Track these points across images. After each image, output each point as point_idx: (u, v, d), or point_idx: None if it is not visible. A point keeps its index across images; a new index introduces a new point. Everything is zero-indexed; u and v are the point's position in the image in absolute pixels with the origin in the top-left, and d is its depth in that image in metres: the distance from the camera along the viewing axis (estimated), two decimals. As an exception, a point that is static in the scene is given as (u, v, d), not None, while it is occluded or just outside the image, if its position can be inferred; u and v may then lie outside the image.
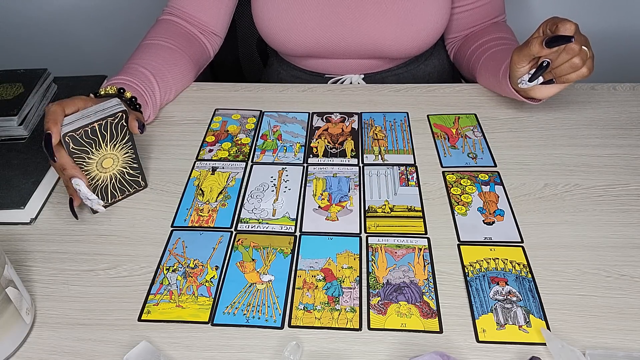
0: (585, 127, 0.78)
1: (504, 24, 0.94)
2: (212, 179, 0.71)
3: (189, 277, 0.58)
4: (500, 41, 0.87)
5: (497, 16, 0.93)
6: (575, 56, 0.66)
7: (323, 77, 0.97)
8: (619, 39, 1.42)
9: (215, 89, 0.90)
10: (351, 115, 0.82)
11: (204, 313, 0.54)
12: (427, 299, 0.55)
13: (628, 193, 0.67)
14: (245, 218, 0.65)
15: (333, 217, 0.65)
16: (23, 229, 0.65)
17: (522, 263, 0.58)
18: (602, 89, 0.86)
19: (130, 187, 0.68)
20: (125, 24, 1.53)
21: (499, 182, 0.69)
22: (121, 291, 0.57)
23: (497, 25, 0.92)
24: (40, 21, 1.54)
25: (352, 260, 0.59)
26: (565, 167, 0.71)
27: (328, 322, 0.53)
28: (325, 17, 0.87)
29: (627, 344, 0.51)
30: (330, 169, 0.72)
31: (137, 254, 0.61)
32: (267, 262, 0.59)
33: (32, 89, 0.81)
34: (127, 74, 0.76)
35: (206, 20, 0.90)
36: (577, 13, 1.39)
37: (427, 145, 0.76)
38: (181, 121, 0.82)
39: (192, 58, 0.88)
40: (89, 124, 0.60)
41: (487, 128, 0.78)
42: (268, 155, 0.75)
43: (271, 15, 0.88)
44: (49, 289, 0.58)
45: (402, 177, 0.70)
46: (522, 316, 0.53)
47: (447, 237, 0.62)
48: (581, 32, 0.67)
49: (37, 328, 0.54)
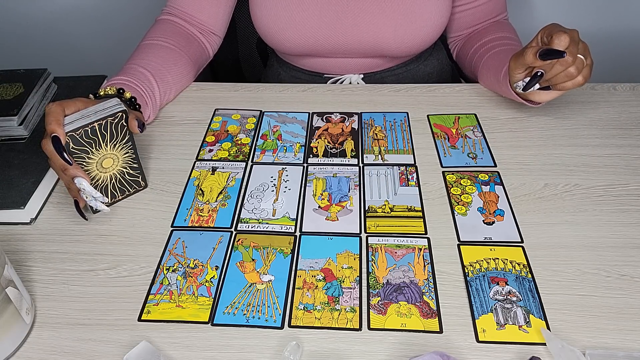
0: (585, 127, 0.78)
1: (506, 23, 0.94)
2: (212, 179, 0.71)
3: (189, 277, 0.58)
4: (503, 41, 0.87)
5: (498, 14, 0.93)
6: (570, 66, 0.66)
7: (322, 77, 0.97)
8: (619, 39, 1.42)
9: (215, 89, 0.90)
10: (351, 115, 0.82)
11: (204, 313, 0.54)
12: (427, 299, 0.55)
13: (628, 193, 0.67)
14: (245, 218, 0.65)
15: (333, 217, 0.65)
16: (23, 229, 0.65)
17: (522, 263, 0.58)
18: (602, 89, 0.86)
19: (130, 187, 0.68)
20: (125, 24, 1.53)
21: (499, 182, 0.69)
22: (121, 291, 0.57)
23: (499, 24, 0.92)
24: (41, 21, 1.54)
25: (352, 260, 0.59)
26: (565, 167, 0.71)
27: (328, 322, 0.53)
28: (324, 15, 0.87)
29: (627, 344, 0.51)
30: (330, 169, 0.72)
31: (137, 254, 0.61)
32: (267, 262, 0.59)
33: (32, 89, 0.81)
34: (127, 74, 0.76)
35: (205, 20, 0.90)
36: (577, 13, 1.39)
37: (427, 145, 0.76)
38: (181, 121, 0.82)
39: (191, 58, 0.88)
40: (89, 124, 0.60)
41: (487, 128, 0.78)
42: (268, 155, 0.75)
43: (269, 14, 0.88)
44: (49, 289, 0.58)
45: (402, 177, 0.70)
46: (522, 316, 0.53)
47: (447, 237, 0.62)
48: (581, 39, 0.67)
49: (37, 328, 0.54)
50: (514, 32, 0.92)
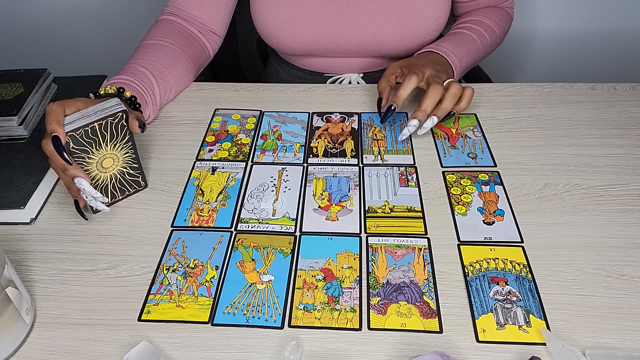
0: (585, 127, 0.78)
1: (499, 10, 0.95)
2: (212, 179, 0.71)
3: (189, 277, 0.58)
4: (466, 24, 0.91)
5: (503, 1, 0.95)
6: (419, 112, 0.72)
7: (322, 77, 0.97)
8: (619, 39, 1.42)
9: (215, 89, 0.90)
10: (351, 115, 0.82)
11: (204, 313, 0.54)
12: (427, 299, 0.55)
13: (628, 193, 0.67)
14: (245, 218, 0.65)
15: (333, 217, 0.65)
16: (23, 229, 0.65)
17: (522, 263, 0.58)
18: (602, 89, 0.86)
19: (130, 187, 0.68)
20: (125, 24, 1.53)
21: (499, 182, 0.69)
22: (121, 291, 0.57)
23: (490, 10, 0.94)
24: (41, 21, 1.55)
25: (352, 260, 0.59)
26: (565, 167, 0.71)
27: (328, 322, 0.53)
28: (324, 14, 0.87)
29: (627, 344, 0.51)
30: (330, 169, 0.72)
31: (137, 254, 0.61)
32: (267, 262, 0.59)
33: (32, 89, 0.81)
34: (127, 73, 0.76)
35: (205, 20, 0.90)
36: (577, 13, 1.39)
37: (427, 145, 0.76)
38: (181, 121, 0.82)
39: (191, 58, 0.88)
40: (89, 124, 0.60)
41: (487, 128, 0.78)
42: (268, 155, 0.75)
43: (270, 14, 0.88)
44: (49, 289, 0.58)
45: (402, 178, 0.70)
46: (522, 316, 0.53)
47: (447, 237, 0.62)
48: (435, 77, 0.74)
49: (37, 328, 0.54)
50: (500, 20, 0.93)
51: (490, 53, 0.94)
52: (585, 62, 1.45)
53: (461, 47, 0.85)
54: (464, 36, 0.88)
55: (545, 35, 1.44)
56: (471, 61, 0.88)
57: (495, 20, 0.92)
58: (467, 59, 0.86)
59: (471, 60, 0.87)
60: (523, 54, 1.49)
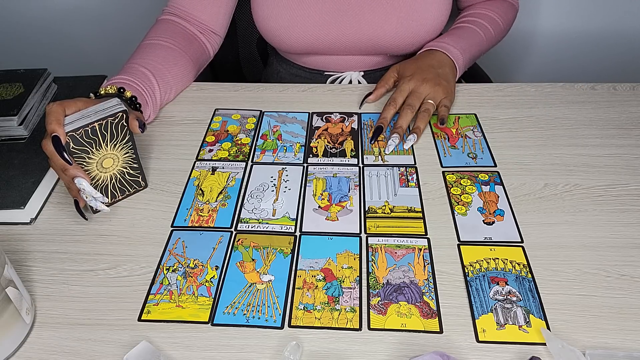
0: (585, 127, 0.78)
1: (504, 2, 0.95)
2: (212, 179, 0.71)
3: (189, 277, 0.58)
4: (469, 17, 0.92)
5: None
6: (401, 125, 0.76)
7: (322, 75, 0.97)
8: (619, 39, 1.42)
9: (215, 89, 0.90)
10: (351, 115, 0.82)
11: (204, 313, 0.54)
12: (427, 299, 0.55)
13: (628, 193, 0.67)
14: (245, 218, 0.65)
15: (333, 217, 0.65)
16: (23, 229, 0.65)
17: (522, 263, 0.58)
18: (602, 89, 0.86)
19: (130, 187, 0.68)
20: (125, 24, 1.53)
21: (499, 182, 0.69)
22: (121, 291, 0.57)
23: (496, 2, 0.94)
24: (41, 21, 1.55)
25: (352, 260, 0.59)
26: (565, 167, 0.71)
27: (328, 322, 0.53)
28: (325, 12, 0.87)
29: (627, 344, 0.51)
30: (330, 169, 0.72)
31: (137, 254, 0.61)
32: (267, 262, 0.59)
33: (32, 89, 0.81)
34: (127, 73, 0.76)
35: (206, 20, 0.90)
36: (577, 13, 1.39)
37: (427, 145, 0.76)
38: (181, 121, 0.82)
39: (192, 58, 0.88)
40: (89, 124, 0.60)
41: (487, 128, 0.79)
42: (268, 155, 0.75)
43: (270, 12, 0.88)
44: (49, 289, 0.58)
45: (402, 178, 0.70)
46: (522, 316, 0.53)
47: (447, 237, 0.62)
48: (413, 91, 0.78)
49: (37, 328, 0.54)
50: (504, 12, 0.94)
51: (495, 44, 0.95)
52: (585, 62, 1.45)
53: (463, 40, 0.86)
54: (466, 30, 0.89)
55: (545, 35, 1.44)
56: (474, 53, 0.88)
57: (498, 12, 0.93)
58: (470, 51, 0.87)
59: (474, 52, 0.88)
60: (523, 54, 1.49)
